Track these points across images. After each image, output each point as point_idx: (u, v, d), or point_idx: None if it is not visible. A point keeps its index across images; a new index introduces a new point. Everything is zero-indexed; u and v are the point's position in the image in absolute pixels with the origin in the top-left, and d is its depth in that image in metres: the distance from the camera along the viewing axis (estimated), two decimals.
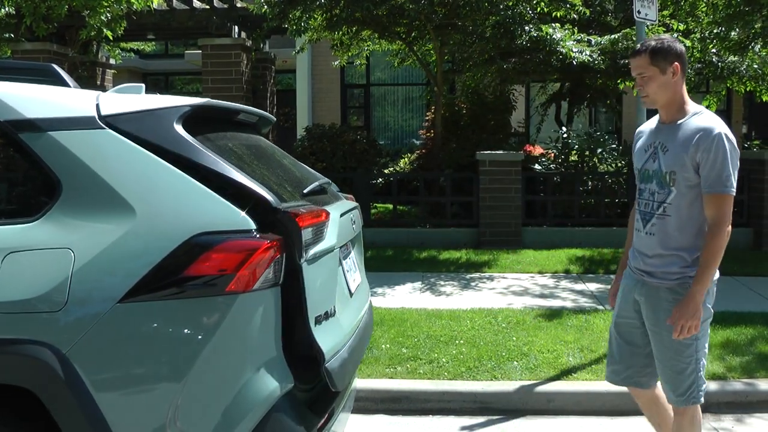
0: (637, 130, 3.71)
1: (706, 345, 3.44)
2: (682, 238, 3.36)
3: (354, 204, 3.88)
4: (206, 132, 3.01)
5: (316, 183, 3.48)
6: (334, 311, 3.14)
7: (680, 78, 3.39)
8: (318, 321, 2.89)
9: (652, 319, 3.45)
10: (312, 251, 2.86)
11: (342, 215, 3.47)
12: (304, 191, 3.28)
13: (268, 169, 3.28)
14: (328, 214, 3.09)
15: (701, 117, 3.36)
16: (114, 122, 2.77)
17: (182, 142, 2.78)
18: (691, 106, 3.43)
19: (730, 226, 3.27)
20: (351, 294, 3.56)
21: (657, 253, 3.41)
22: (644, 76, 3.38)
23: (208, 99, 3.13)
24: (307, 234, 2.80)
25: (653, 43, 3.37)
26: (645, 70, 3.37)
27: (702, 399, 3.43)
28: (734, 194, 3.28)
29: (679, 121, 3.39)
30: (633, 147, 3.68)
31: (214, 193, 2.69)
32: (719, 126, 3.28)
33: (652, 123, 3.60)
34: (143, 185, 2.67)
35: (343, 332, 3.20)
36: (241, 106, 3.48)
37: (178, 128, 2.81)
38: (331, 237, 3.14)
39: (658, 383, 3.63)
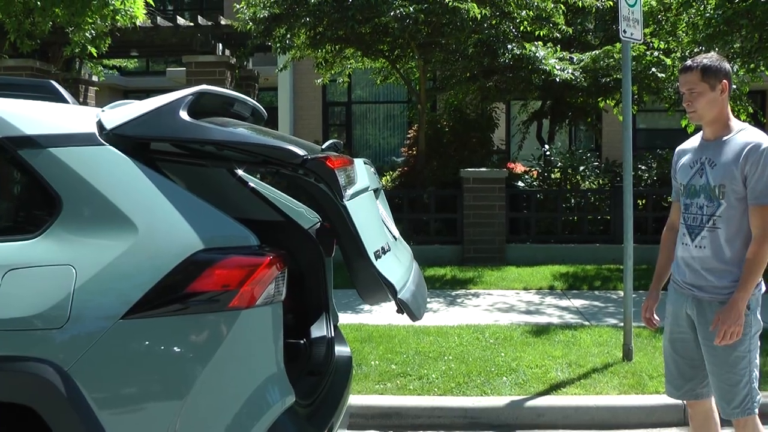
0: (679, 149, 3.75)
1: (758, 357, 3.48)
2: (732, 251, 3.40)
3: (367, 160, 3.94)
4: (206, 120, 3.04)
5: (330, 141, 3.55)
6: (389, 247, 3.19)
7: (727, 96, 3.46)
8: (377, 256, 2.91)
9: (705, 333, 3.47)
10: (349, 191, 2.91)
11: (364, 164, 3.57)
12: (323, 147, 3.33)
13: (280, 137, 3.30)
14: (352, 159, 3.17)
15: (748, 132, 3.43)
16: (122, 132, 2.78)
17: (192, 126, 2.81)
18: (734, 122, 3.50)
19: None
20: (395, 238, 3.63)
21: (708, 267, 3.45)
22: (694, 92, 3.43)
23: (205, 85, 3.15)
24: (340, 175, 2.84)
25: (705, 60, 3.43)
26: (695, 86, 3.42)
27: (757, 410, 3.46)
28: None
29: (725, 137, 3.46)
30: (674, 165, 3.73)
31: (216, 209, 2.71)
32: (762, 140, 3.36)
33: (694, 141, 3.65)
34: (145, 201, 2.66)
35: (404, 266, 3.27)
36: (236, 93, 3.51)
37: (184, 114, 2.84)
38: (362, 179, 3.23)
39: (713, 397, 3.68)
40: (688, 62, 3.48)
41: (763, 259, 3.33)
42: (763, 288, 3.49)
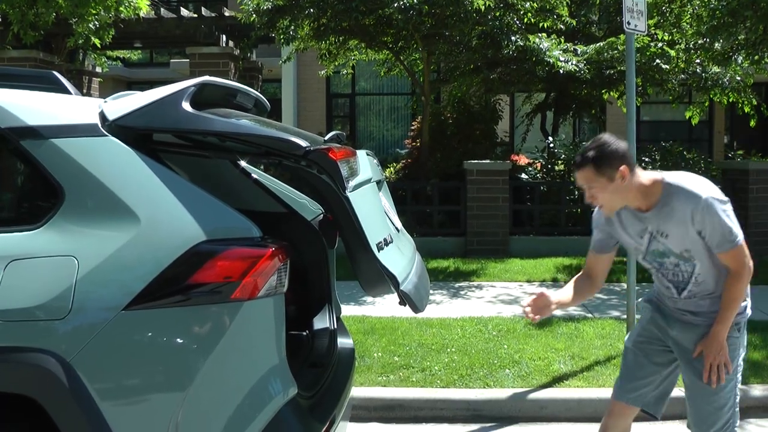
0: (597, 218, 3.47)
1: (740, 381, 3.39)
2: (720, 286, 3.27)
3: (370, 151, 3.92)
4: (209, 111, 3.03)
5: (333, 133, 3.55)
6: (392, 239, 3.18)
7: (631, 176, 3.17)
8: (380, 247, 2.90)
9: (691, 356, 3.34)
10: (352, 183, 2.89)
11: (366, 155, 3.55)
12: (325, 139, 3.33)
13: (283, 128, 3.28)
14: (354, 151, 3.15)
15: (680, 190, 3.17)
16: (125, 123, 2.77)
17: (194, 117, 2.80)
18: (654, 181, 3.21)
19: (750, 262, 3.21)
20: (398, 230, 3.62)
21: (702, 299, 3.32)
22: (593, 188, 3.17)
23: (208, 77, 3.14)
24: (343, 167, 2.82)
25: (592, 153, 3.12)
26: (592, 182, 3.15)
27: None
28: (742, 241, 3.17)
29: (659, 204, 3.21)
30: (597, 222, 3.47)
31: (219, 201, 2.70)
32: (701, 190, 3.16)
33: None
34: (147, 192, 2.66)
35: (406, 258, 3.26)
36: (239, 85, 3.50)
37: (186, 105, 2.83)
38: (365, 171, 3.21)
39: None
40: (578, 157, 3.17)
41: (741, 293, 3.22)
42: (749, 311, 3.38)
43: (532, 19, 11.47)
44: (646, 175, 3.24)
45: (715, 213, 3.12)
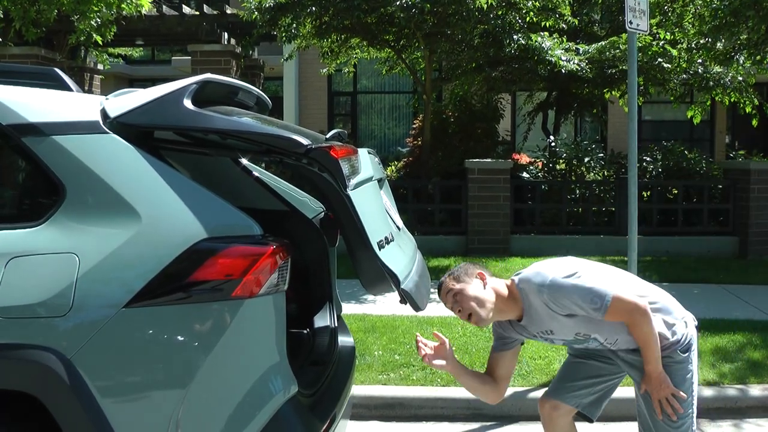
0: (494, 324, 3.53)
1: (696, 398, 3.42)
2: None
3: (371, 149, 3.92)
4: (211, 108, 3.03)
5: (335, 131, 3.53)
6: (393, 237, 3.18)
7: (489, 285, 3.33)
8: (381, 246, 2.89)
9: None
10: (353, 181, 2.88)
11: (368, 153, 3.54)
12: (326, 137, 3.32)
13: (284, 126, 3.29)
14: (355, 149, 3.15)
15: (528, 286, 3.29)
16: (126, 120, 2.77)
17: (195, 114, 2.80)
18: (511, 285, 3.36)
19: (637, 301, 3.19)
20: (399, 228, 3.61)
21: (632, 342, 3.33)
22: (457, 295, 3.30)
23: (209, 74, 3.14)
24: (344, 165, 2.81)
25: (450, 272, 3.40)
26: (454, 289, 3.31)
27: None
28: (612, 292, 3.17)
29: (525, 309, 3.32)
30: (494, 330, 3.54)
31: (220, 198, 2.70)
32: (543, 275, 3.25)
33: (502, 320, 3.47)
34: (148, 190, 2.65)
35: (407, 256, 3.26)
36: (241, 83, 3.50)
37: (188, 103, 2.82)
38: (366, 169, 3.20)
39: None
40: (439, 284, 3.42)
41: (648, 333, 3.20)
42: (687, 330, 3.37)
43: (534, 18, 11.46)
44: (503, 283, 3.39)
45: (566, 291, 3.18)
